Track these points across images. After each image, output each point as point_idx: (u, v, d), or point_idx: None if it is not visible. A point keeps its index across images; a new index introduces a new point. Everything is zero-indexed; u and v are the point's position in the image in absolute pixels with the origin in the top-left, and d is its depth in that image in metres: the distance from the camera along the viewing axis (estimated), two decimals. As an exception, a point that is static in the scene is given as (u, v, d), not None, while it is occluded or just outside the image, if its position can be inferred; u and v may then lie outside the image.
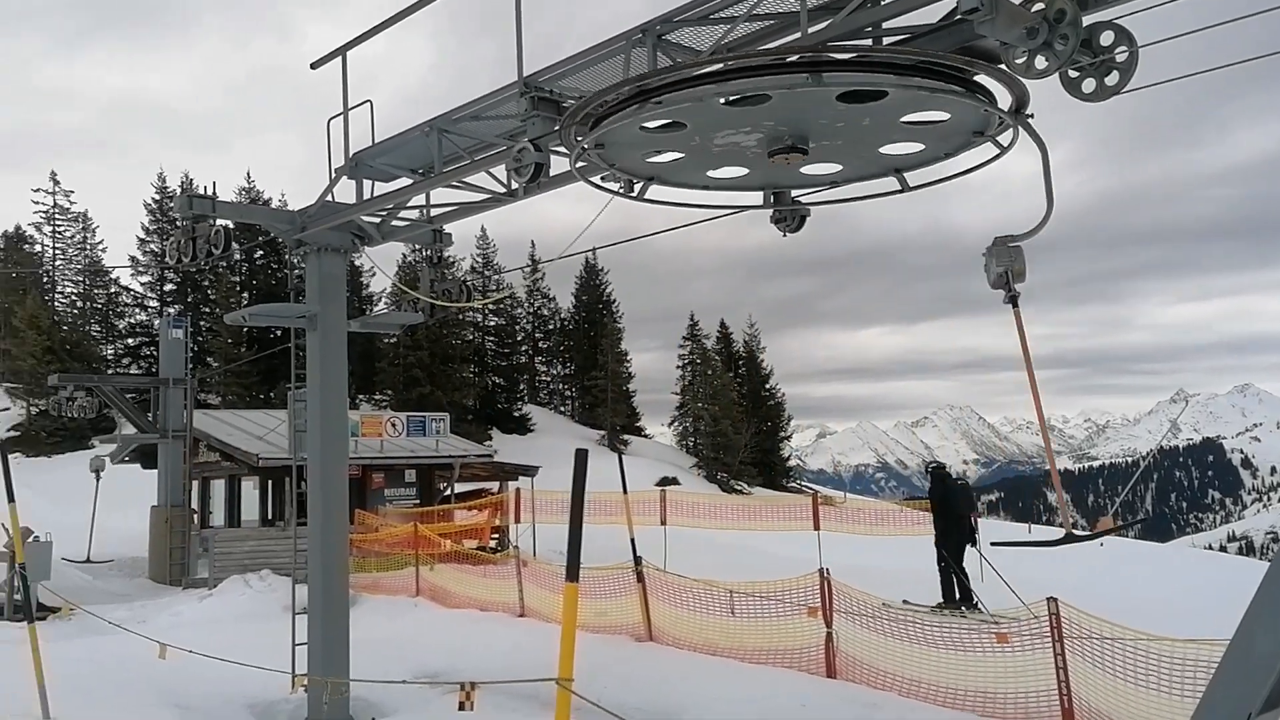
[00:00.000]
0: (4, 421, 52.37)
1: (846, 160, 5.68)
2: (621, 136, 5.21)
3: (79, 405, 23.26)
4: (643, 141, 5.27)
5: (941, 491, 14.88)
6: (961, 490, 15.56)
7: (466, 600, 15.92)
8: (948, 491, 14.94)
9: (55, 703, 8.76)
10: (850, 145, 5.42)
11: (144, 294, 63.64)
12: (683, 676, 10.48)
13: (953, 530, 14.37)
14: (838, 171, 5.90)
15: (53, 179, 66.13)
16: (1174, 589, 18.39)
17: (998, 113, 4.97)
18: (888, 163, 5.76)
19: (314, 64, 8.82)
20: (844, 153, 5.54)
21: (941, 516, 14.59)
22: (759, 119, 4.93)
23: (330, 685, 9.19)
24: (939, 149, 5.55)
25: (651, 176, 5.84)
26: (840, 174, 5.96)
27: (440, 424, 27.33)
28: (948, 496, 14.80)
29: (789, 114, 4.90)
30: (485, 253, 70.86)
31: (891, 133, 5.25)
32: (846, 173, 5.93)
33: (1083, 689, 8.21)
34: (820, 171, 5.87)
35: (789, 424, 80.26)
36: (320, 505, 9.87)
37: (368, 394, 57.49)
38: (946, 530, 14.43)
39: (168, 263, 17.86)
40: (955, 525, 14.44)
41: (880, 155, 5.60)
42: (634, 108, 4.88)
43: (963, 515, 14.69)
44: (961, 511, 14.67)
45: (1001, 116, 5.02)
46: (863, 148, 5.47)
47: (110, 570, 22.57)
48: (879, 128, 5.16)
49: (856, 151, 5.54)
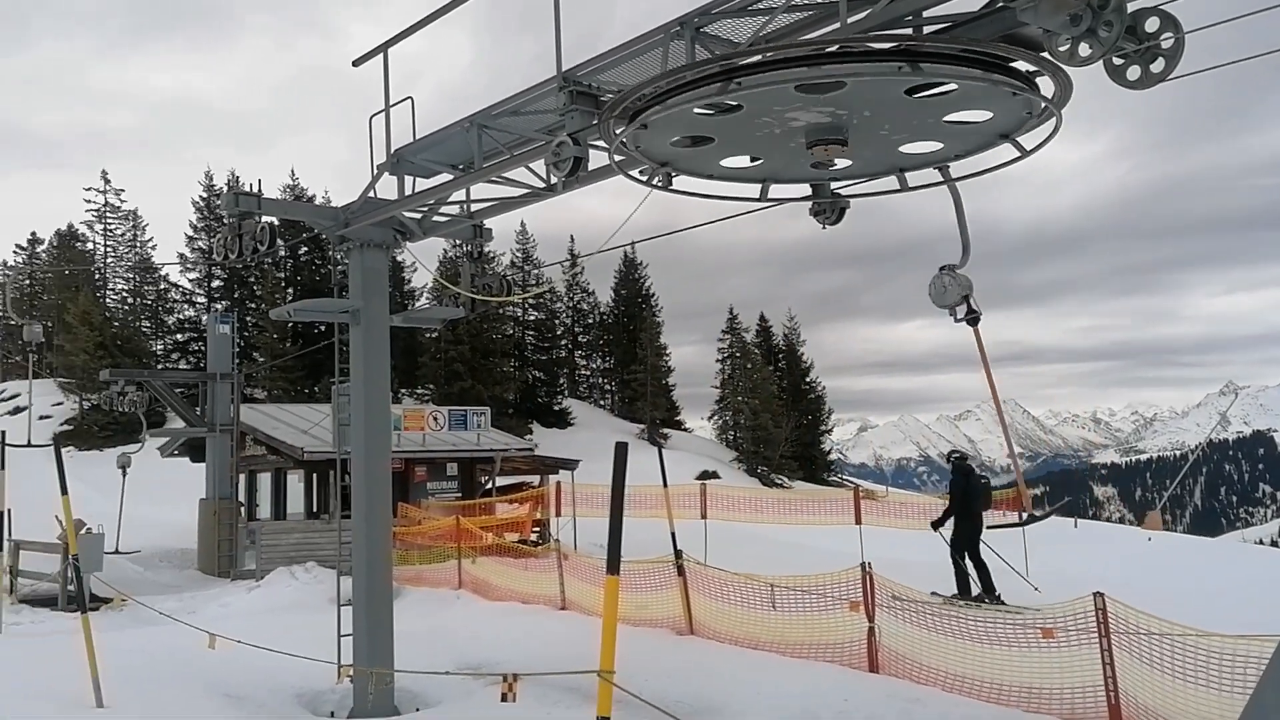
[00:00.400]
0: (57, 416, 53.56)
1: (859, 155, 5.64)
2: (667, 122, 5.15)
3: (130, 400, 23.70)
4: (689, 124, 5.19)
5: (964, 484, 14.60)
6: (984, 486, 15.37)
7: (508, 593, 16.02)
8: (970, 484, 14.66)
9: (108, 691, 8.96)
10: (874, 141, 5.39)
11: (192, 290, 64.70)
12: (724, 670, 10.48)
13: (966, 524, 14.17)
14: (847, 166, 5.85)
15: (103, 178, 67.38)
16: (1224, 583, 18.06)
17: (1041, 99, 4.91)
18: (896, 161, 5.72)
19: (356, 61, 8.92)
20: (864, 148, 5.50)
21: (961, 508, 14.35)
22: (815, 107, 4.87)
23: (375, 676, 9.31)
24: (955, 149, 5.51)
25: (665, 162, 5.80)
26: (849, 169, 5.92)
27: (481, 418, 27.51)
28: (970, 489, 14.56)
29: (851, 103, 4.84)
30: (525, 247, 71.15)
31: (924, 131, 5.21)
32: (856, 168, 5.90)
33: (1129, 684, 8.10)
34: (847, 165, 5.83)
35: (829, 417, 79.75)
36: (364, 498, 9.99)
37: (410, 388, 57.99)
38: (961, 523, 14.22)
39: (215, 259, 18.14)
40: (970, 519, 14.22)
41: (897, 153, 5.56)
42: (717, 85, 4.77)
43: (979, 511, 14.46)
44: (979, 508, 14.48)
45: (1046, 104, 4.95)
46: (882, 145, 5.43)
47: (159, 562, 23.00)
48: (918, 126, 5.13)
49: (873, 146, 5.49)
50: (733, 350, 70.79)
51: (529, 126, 7.91)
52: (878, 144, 5.45)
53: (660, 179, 6.02)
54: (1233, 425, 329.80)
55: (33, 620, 15.85)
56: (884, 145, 5.47)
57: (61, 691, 9.18)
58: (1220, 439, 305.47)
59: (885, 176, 6.07)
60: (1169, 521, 79.08)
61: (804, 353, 78.54)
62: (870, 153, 5.62)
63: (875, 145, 5.47)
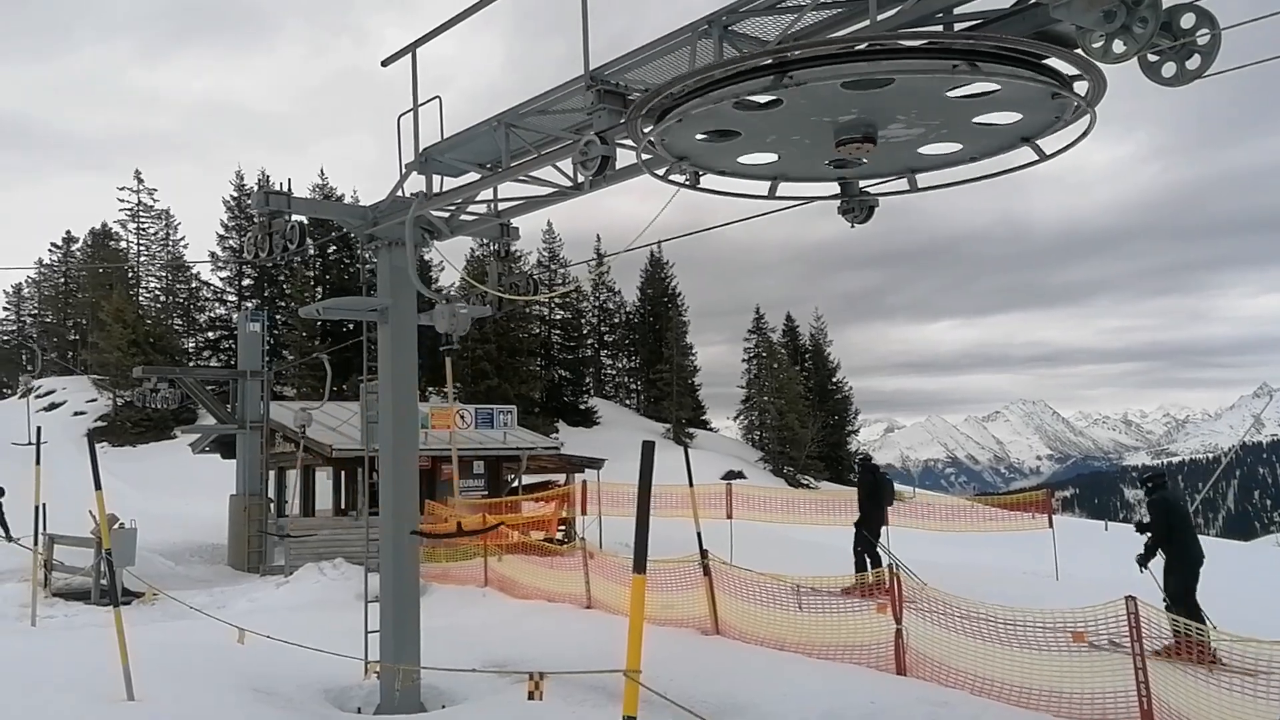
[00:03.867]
0: (91, 412, 54.31)
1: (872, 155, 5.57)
2: (697, 119, 5.11)
3: (162, 397, 23.96)
4: (717, 120, 5.14)
5: (872, 481, 16.37)
6: (888, 482, 16.96)
7: (534, 591, 16.06)
8: (878, 482, 16.46)
9: (139, 684, 9.05)
10: (893, 142, 5.34)
11: (223, 289, 65.43)
12: (750, 670, 10.45)
13: (875, 516, 15.88)
14: (861, 166, 5.80)
15: (137, 177, 68.30)
16: (1258, 587, 17.80)
17: (1074, 98, 4.84)
18: (906, 161, 5.66)
19: (384, 61, 8.95)
20: (881, 147, 5.44)
21: (869, 503, 15.96)
22: (852, 105, 4.81)
23: (401, 672, 9.35)
24: (973, 150, 5.45)
25: (683, 156, 5.75)
26: (863, 169, 5.87)
27: (508, 416, 27.60)
28: (878, 486, 16.29)
29: (888, 102, 4.80)
30: (551, 247, 71.38)
31: (950, 132, 5.16)
32: (868, 168, 5.84)
33: (1162, 689, 8.00)
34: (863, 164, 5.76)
35: (856, 418, 79.49)
36: (391, 495, 10.04)
37: (437, 386, 58.29)
38: (870, 516, 15.82)
39: (245, 258, 18.29)
40: (879, 512, 16.00)
41: (915, 153, 5.51)
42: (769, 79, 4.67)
43: (886, 505, 16.31)
44: (886, 502, 16.32)
45: (1079, 102, 4.89)
46: (901, 144, 5.38)
47: (189, 557, 23.24)
48: (944, 127, 5.08)
49: (891, 146, 5.43)
50: (759, 350, 70.68)
51: (556, 125, 7.92)
52: (897, 145, 5.39)
53: (688, 178, 5.99)
54: (1267, 428, 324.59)
55: (66, 613, 16.06)
56: (902, 146, 5.41)
57: (93, 684, 9.29)
58: (1254, 441, 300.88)
59: (899, 178, 5.99)
60: (1202, 525, 77.79)
61: (830, 353, 78.40)
62: (884, 155, 5.56)
63: (892, 146, 5.41)
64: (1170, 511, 11.57)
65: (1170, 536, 11.33)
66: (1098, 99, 4.88)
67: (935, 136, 5.30)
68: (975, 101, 4.76)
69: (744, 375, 71.20)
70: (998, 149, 5.45)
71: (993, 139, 5.31)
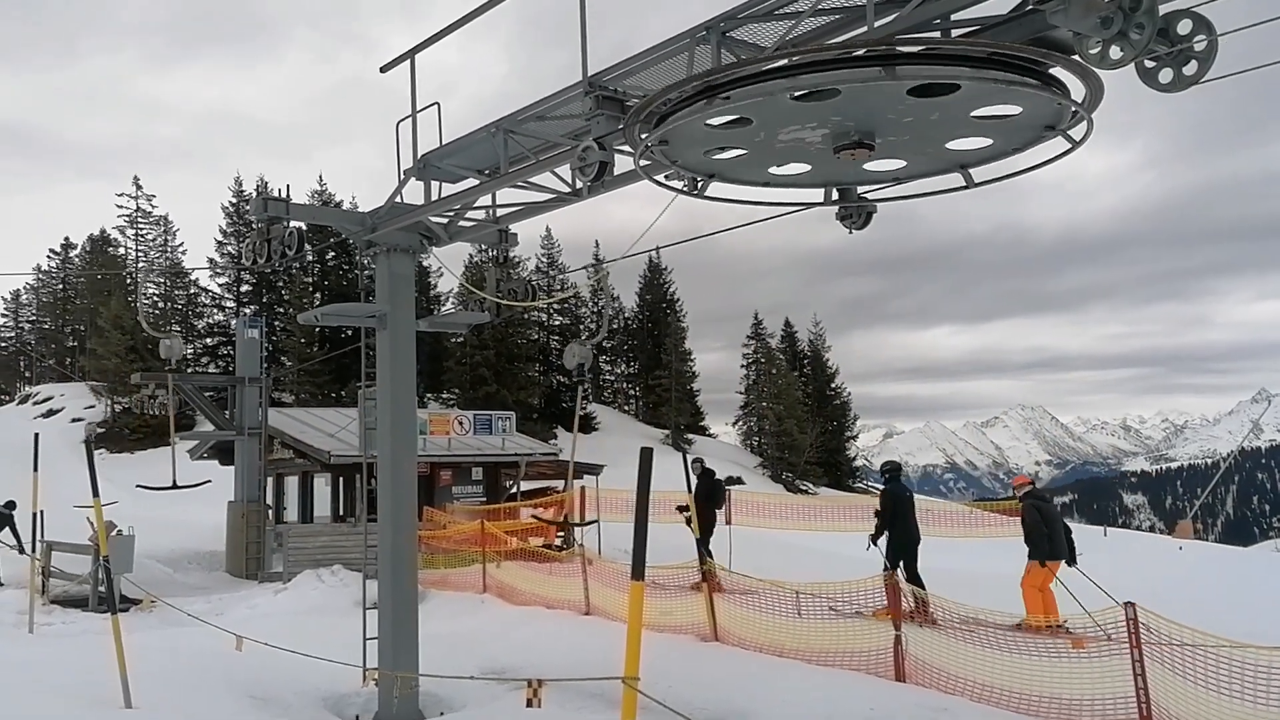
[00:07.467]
0: (89, 419, 54.20)
1: (912, 156, 5.60)
2: (686, 133, 5.19)
3: (160, 403, 23.90)
4: (706, 138, 5.24)
5: (709, 486, 17.41)
6: (720, 486, 18.35)
7: (533, 598, 16.03)
8: (714, 486, 17.69)
9: (136, 691, 9.04)
10: (917, 140, 5.34)
11: (221, 295, 65.34)
12: (749, 677, 10.43)
13: (712, 518, 17.11)
14: (902, 168, 5.81)
15: (135, 183, 68.20)
16: (1257, 593, 17.79)
17: (1071, 104, 4.86)
18: (954, 158, 5.66)
19: (383, 67, 8.96)
20: (910, 148, 5.46)
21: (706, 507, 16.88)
22: (826, 114, 4.88)
23: (400, 680, 9.34)
24: (1007, 144, 5.44)
25: (713, 173, 5.81)
26: (905, 170, 5.87)
27: (506, 422, 27.56)
28: (714, 491, 17.58)
29: (857, 109, 4.83)
30: (550, 253, 71.37)
31: (960, 128, 5.16)
32: (911, 169, 5.84)
33: (1162, 696, 7.98)
34: (885, 167, 5.79)
35: (855, 424, 79.45)
36: (390, 502, 10.03)
37: (435, 392, 58.27)
38: (709, 518, 16.93)
39: (244, 264, 18.31)
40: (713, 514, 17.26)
41: (947, 151, 5.51)
42: (701, 104, 4.86)
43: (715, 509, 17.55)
44: (719, 505, 17.78)
45: (1076, 108, 4.90)
46: (929, 143, 5.39)
47: (187, 564, 23.19)
48: (948, 122, 5.08)
49: (922, 147, 5.45)
50: (757, 356, 70.63)
51: (555, 131, 7.92)
52: (927, 144, 5.40)
53: (687, 184, 6.00)
54: (1265, 433, 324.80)
55: (64, 621, 16.04)
56: (934, 144, 5.41)
57: (91, 691, 9.27)
58: (1252, 447, 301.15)
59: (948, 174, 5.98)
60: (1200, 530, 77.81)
61: (829, 358, 78.35)
62: (924, 155, 5.57)
63: (925, 145, 5.42)
64: (896, 500, 13.79)
65: (894, 521, 13.54)
66: (1095, 104, 4.89)
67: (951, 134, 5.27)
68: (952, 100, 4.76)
69: (743, 381, 71.18)
70: (1029, 142, 5.40)
71: (1020, 132, 5.26)
